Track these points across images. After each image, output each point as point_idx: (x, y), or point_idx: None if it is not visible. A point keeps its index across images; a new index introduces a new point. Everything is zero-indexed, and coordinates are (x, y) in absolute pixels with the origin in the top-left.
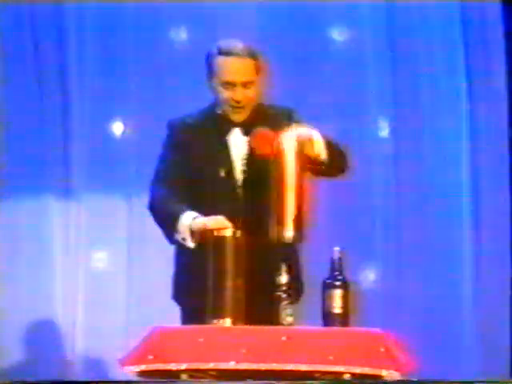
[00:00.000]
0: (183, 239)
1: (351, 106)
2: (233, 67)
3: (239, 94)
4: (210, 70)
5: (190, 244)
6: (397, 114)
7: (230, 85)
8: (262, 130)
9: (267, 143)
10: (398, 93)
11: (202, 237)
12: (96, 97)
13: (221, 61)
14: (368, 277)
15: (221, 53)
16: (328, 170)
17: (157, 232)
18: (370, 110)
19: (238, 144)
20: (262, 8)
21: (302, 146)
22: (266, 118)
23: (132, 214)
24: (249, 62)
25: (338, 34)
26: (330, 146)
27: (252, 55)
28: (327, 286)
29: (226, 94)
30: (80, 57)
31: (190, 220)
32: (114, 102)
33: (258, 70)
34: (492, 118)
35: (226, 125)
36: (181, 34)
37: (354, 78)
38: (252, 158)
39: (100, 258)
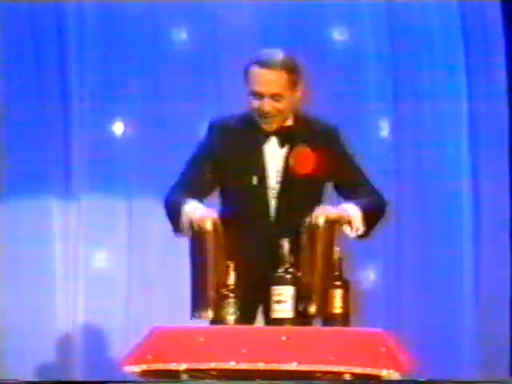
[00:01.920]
0: (186, 228)
1: (351, 105)
2: (263, 79)
3: (267, 105)
4: (245, 79)
5: (189, 233)
6: (397, 114)
7: (258, 95)
8: (302, 149)
9: (306, 163)
10: (398, 92)
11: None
12: (96, 97)
13: (254, 71)
14: (368, 277)
15: (256, 62)
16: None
17: (157, 232)
18: (370, 109)
19: (272, 154)
20: (262, 8)
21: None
22: (306, 132)
23: (132, 214)
24: (282, 75)
25: (338, 34)
26: (368, 212)
27: (288, 68)
28: (327, 286)
29: (254, 103)
30: (80, 57)
31: (191, 208)
32: (114, 102)
33: (291, 84)
34: (492, 118)
35: (263, 133)
36: (181, 34)
37: (354, 77)
38: (287, 172)
39: (100, 258)
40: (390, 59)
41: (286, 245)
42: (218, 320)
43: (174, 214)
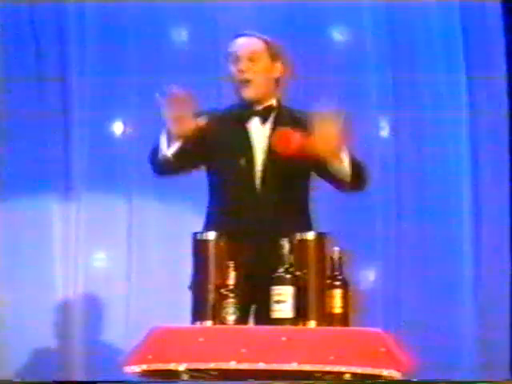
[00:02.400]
0: (162, 150)
1: (351, 105)
2: (240, 42)
3: (244, 65)
4: (226, 58)
5: (168, 150)
6: (397, 114)
7: (236, 57)
8: (285, 130)
9: (289, 143)
10: (399, 92)
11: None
12: (96, 97)
13: (233, 42)
14: (368, 277)
15: (235, 37)
16: (352, 185)
17: (157, 232)
18: (370, 109)
19: (257, 133)
20: (262, 8)
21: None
22: (288, 115)
23: (132, 214)
24: (258, 41)
25: (338, 34)
26: (354, 161)
27: (265, 40)
28: (327, 286)
29: (233, 68)
30: (80, 57)
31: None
32: (114, 102)
33: (269, 52)
34: (492, 118)
35: (245, 113)
36: (181, 34)
37: (354, 77)
38: (271, 153)
39: (100, 258)
40: (390, 59)
41: (286, 245)
42: (218, 320)
43: (154, 152)
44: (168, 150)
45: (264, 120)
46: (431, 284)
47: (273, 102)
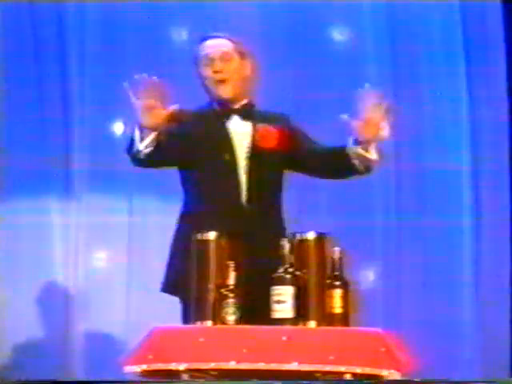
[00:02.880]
0: (136, 143)
1: (351, 105)
2: (211, 45)
3: (218, 65)
4: (195, 61)
5: (141, 144)
6: (397, 114)
7: (209, 60)
8: (265, 125)
9: (270, 137)
10: (398, 92)
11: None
12: (96, 97)
13: (202, 45)
14: (368, 277)
15: (202, 40)
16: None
17: (157, 232)
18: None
19: (238, 130)
20: (263, 8)
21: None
22: (263, 112)
23: (132, 214)
24: (226, 41)
25: (338, 34)
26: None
27: (232, 39)
28: (327, 286)
29: (208, 70)
30: (81, 57)
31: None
32: (114, 102)
33: (238, 51)
34: (492, 118)
35: (224, 113)
36: (181, 34)
37: (354, 77)
38: (253, 148)
39: (100, 258)
40: (390, 59)
41: (286, 245)
42: (218, 320)
43: (131, 145)
44: (141, 143)
45: (243, 117)
46: (431, 284)
47: (248, 100)
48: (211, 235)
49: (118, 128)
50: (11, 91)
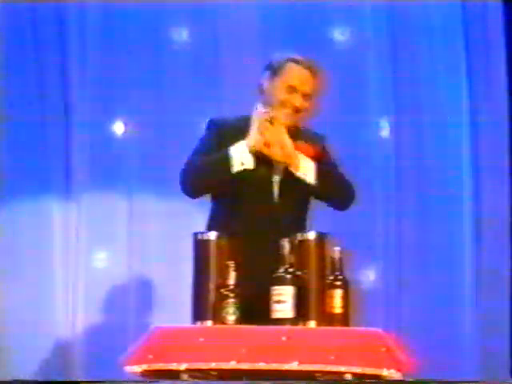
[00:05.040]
0: (242, 163)
1: (351, 105)
2: (300, 75)
3: (299, 100)
4: (275, 72)
5: (250, 163)
6: (397, 114)
7: (293, 90)
8: (301, 142)
9: (305, 154)
10: (399, 93)
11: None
12: (97, 97)
13: (291, 66)
14: (368, 277)
15: (292, 60)
16: (323, 197)
17: (157, 232)
18: (370, 109)
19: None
20: (263, 8)
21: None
22: (301, 131)
23: (132, 214)
24: (312, 76)
25: (338, 34)
26: (324, 174)
27: (315, 71)
28: (327, 286)
29: (286, 96)
30: (81, 57)
31: (241, 144)
32: (114, 102)
33: (316, 90)
34: (492, 118)
35: None
36: (181, 34)
37: (355, 77)
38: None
39: (100, 258)
40: (391, 59)
41: (286, 245)
42: (218, 320)
43: (219, 163)
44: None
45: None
46: (431, 284)
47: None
48: (211, 235)
49: (118, 128)
50: (11, 91)
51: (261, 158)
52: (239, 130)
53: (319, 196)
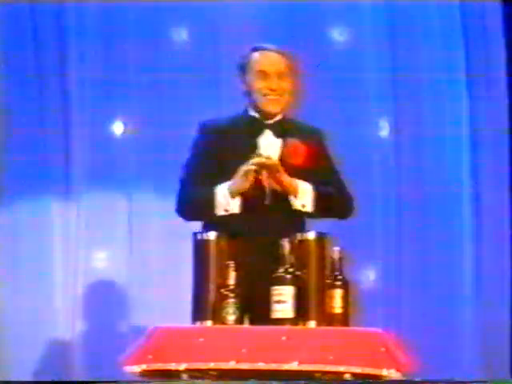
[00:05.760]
0: (226, 210)
1: (351, 105)
2: (267, 58)
3: (274, 83)
4: (244, 67)
5: (235, 208)
6: (397, 114)
7: (264, 74)
8: (295, 141)
9: (298, 154)
10: (398, 93)
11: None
12: (96, 97)
13: (256, 55)
14: (368, 277)
15: (256, 50)
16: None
17: (157, 232)
18: (370, 110)
19: (269, 146)
20: (262, 8)
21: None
22: (296, 127)
23: (132, 214)
24: (280, 57)
25: (338, 34)
26: (321, 195)
27: (285, 54)
28: (327, 286)
29: (261, 83)
30: (80, 57)
31: (225, 187)
32: (114, 102)
33: (291, 68)
34: (492, 118)
35: (257, 126)
36: (181, 34)
37: (355, 78)
38: (282, 162)
39: (100, 258)
40: (390, 59)
41: (286, 245)
42: (218, 320)
43: (205, 205)
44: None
45: (276, 134)
46: (431, 284)
47: (284, 114)
48: (211, 235)
49: (118, 128)
50: (11, 91)
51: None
52: (234, 129)
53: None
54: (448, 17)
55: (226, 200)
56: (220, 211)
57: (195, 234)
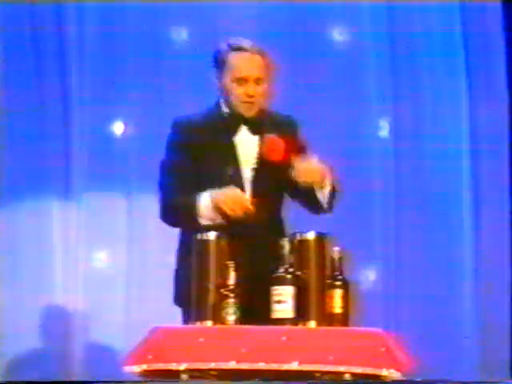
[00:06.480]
0: (211, 220)
1: (351, 105)
2: (246, 63)
3: (252, 89)
4: (221, 66)
5: (219, 219)
6: (397, 114)
7: (243, 80)
8: (273, 137)
9: (278, 150)
10: (398, 93)
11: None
12: (96, 97)
13: (234, 57)
14: (368, 277)
15: (233, 49)
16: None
17: (157, 232)
18: (370, 109)
19: (245, 143)
20: (263, 8)
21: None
22: (271, 121)
23: (132, 214)
24: (259, 59)
25: (338, 34)
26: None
27: (261, 53)
28: (327, 286)
29: (239, 89)
30: (80, 57)
31: (208, 197)
32: (114, 102)
33: (266, 69)
34: (492, 118)
35: (233, 123)
36: (181, 34)
37: (354, 78)
38: (261, 158)
39: (100, 258)
40: (390, 59)
41: (286, 245)
42: (217, 320)
43: (189, 213)
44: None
45: (252, 130)
46: (431, 284)
47: (259, 109)
48: (211, 235)
49: (118, 128)
50: (11, 91)
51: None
52: (208, 126)
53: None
54: (448, 17)
55: (209, 212)
56: (204, 221)
57: (195, 234)
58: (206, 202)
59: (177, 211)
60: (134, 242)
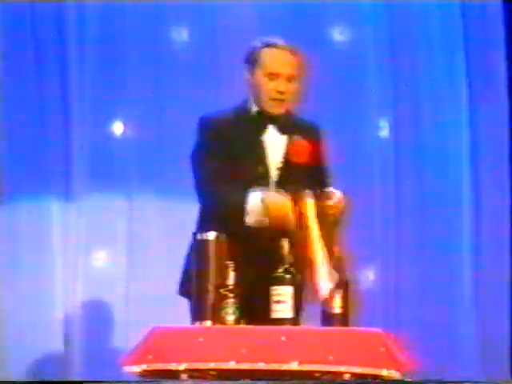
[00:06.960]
0: (258, 220)
1: (351, 105)
2: (279, 59)
3: (283, 85)
4: (253, 62)
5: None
6: (397, 114)
7: (274, 76)
8: (301, 139)
9: (304, 153)
10: (398, 93)
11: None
12: (96, 97)
13: (267, 52)
14: (368, 277)
15: (267, 45)
16: None
17: (157, 232)
18: (370, 110)
19: (273, 142)
20: (263, 8)
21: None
22: (298, 124)
23: (132, 214)
24: (292, 57)
25: (338, 34)
26: None
27: (295, 51)
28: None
29: (270, 85)
30: (80, 57)
31: (258, 197)
32: (114, 102)
33: (299, 67)
34: (492, 118)
35: (261, 122)
36: (181, 34)
37: (355, 77)
38: (287, 159)
39: (100, 258)
40: (390, 59)
41: (285, 245)
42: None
43: (234, 206)
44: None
45: (280, 129)
46: (431, 284)
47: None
48: (211, 235)
49: (118, 128)
50: (11, 91)
51: None
52: (235, 124)
53: None
54: (448, 17)
55: (258, 212)
56: (251, 220)
57: (195, 233)
58: (255, 202)
59: (227, 210)
60: (134, 241)
